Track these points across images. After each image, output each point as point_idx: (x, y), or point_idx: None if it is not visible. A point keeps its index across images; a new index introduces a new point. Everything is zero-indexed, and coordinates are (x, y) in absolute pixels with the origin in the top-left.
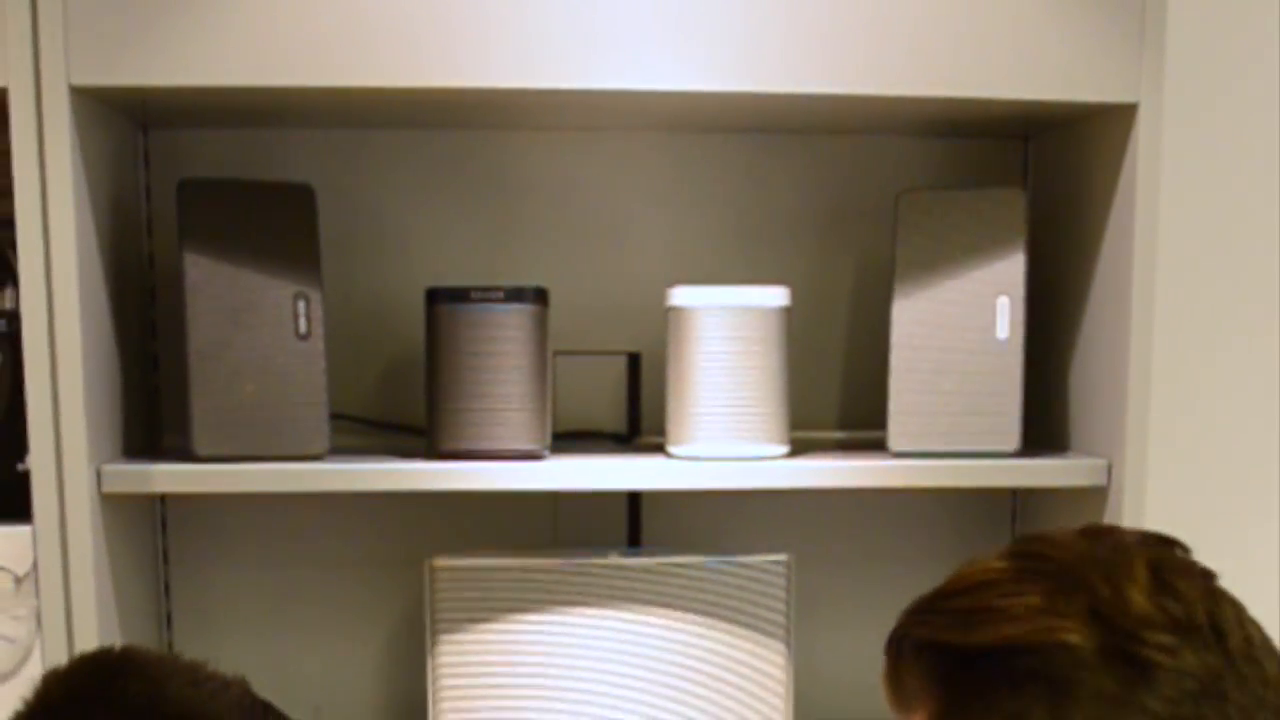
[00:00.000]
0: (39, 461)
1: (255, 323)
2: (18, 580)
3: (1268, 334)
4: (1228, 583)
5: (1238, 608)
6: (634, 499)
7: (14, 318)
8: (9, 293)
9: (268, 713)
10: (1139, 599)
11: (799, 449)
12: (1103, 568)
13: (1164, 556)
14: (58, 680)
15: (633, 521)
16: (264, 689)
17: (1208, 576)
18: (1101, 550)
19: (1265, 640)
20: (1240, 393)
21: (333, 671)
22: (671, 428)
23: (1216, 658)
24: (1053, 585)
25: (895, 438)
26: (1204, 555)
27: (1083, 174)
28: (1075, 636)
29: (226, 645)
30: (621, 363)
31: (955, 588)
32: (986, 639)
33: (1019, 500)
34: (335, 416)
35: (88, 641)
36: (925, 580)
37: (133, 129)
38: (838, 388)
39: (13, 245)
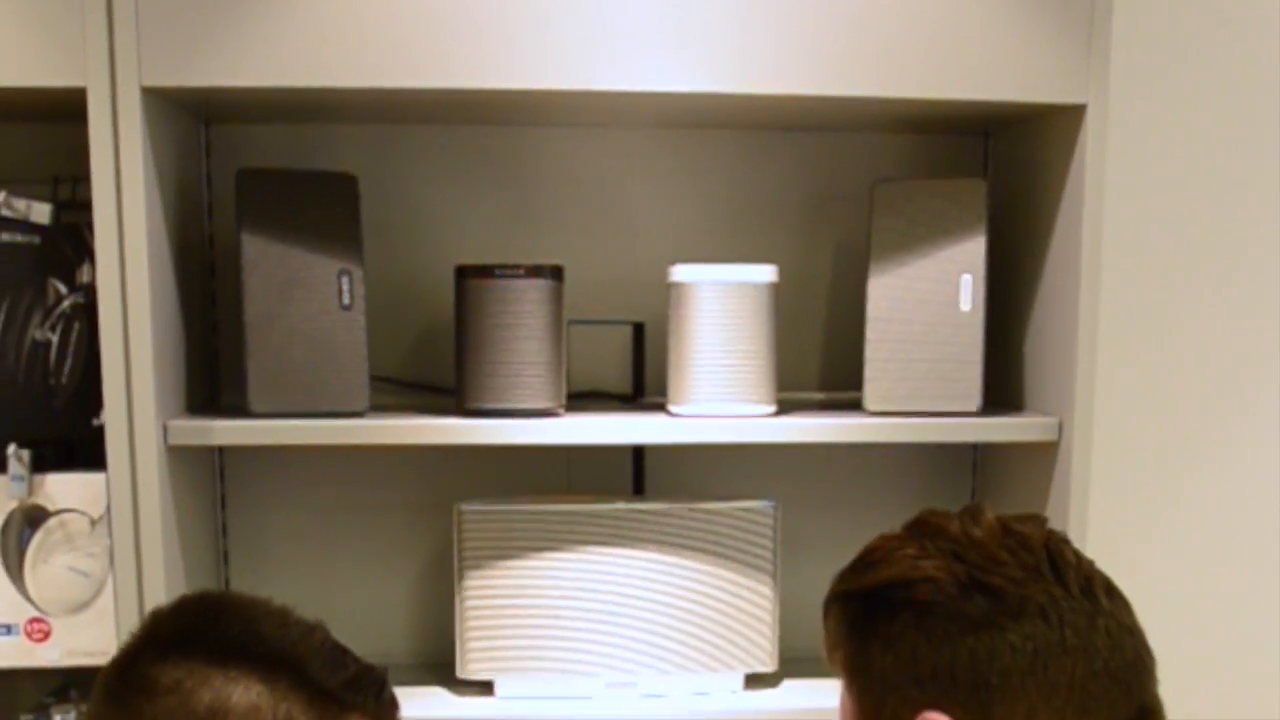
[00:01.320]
0: (112, 417)
1: (304, 295)
2: (93, 522)
3: (1203, 306)
4: (1167, 526)
5: (1081, 559)
6: (638, 452)
7: (91, 291)
8: (86, 269)
9: (346, 654)
10: (992, 546)
11: (785, 408)
12: (965, 526)
13: (1019, 520)
14: (164, 617)
15: (637, 472)
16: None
17: (1057, 537)
18: (968, 519)
19: (1107, 585)
20: (1177, 358)
21: (371, 604)
22: (672, 389)
23: (1056, 588)
24: (927, 541)
25: (870, 398)
26: (1144, 501)
27: (1037, 166)
28: (938, 571)
29: (277, 580)
30: (627, 331)
31: (861, 554)
32: (872, 580)
33: (979, 453)
34: (374, 378)
35: (154, 576)
36: (895, 523)
37: (196, 124)
38: (819, 354)
39: (90, 227)
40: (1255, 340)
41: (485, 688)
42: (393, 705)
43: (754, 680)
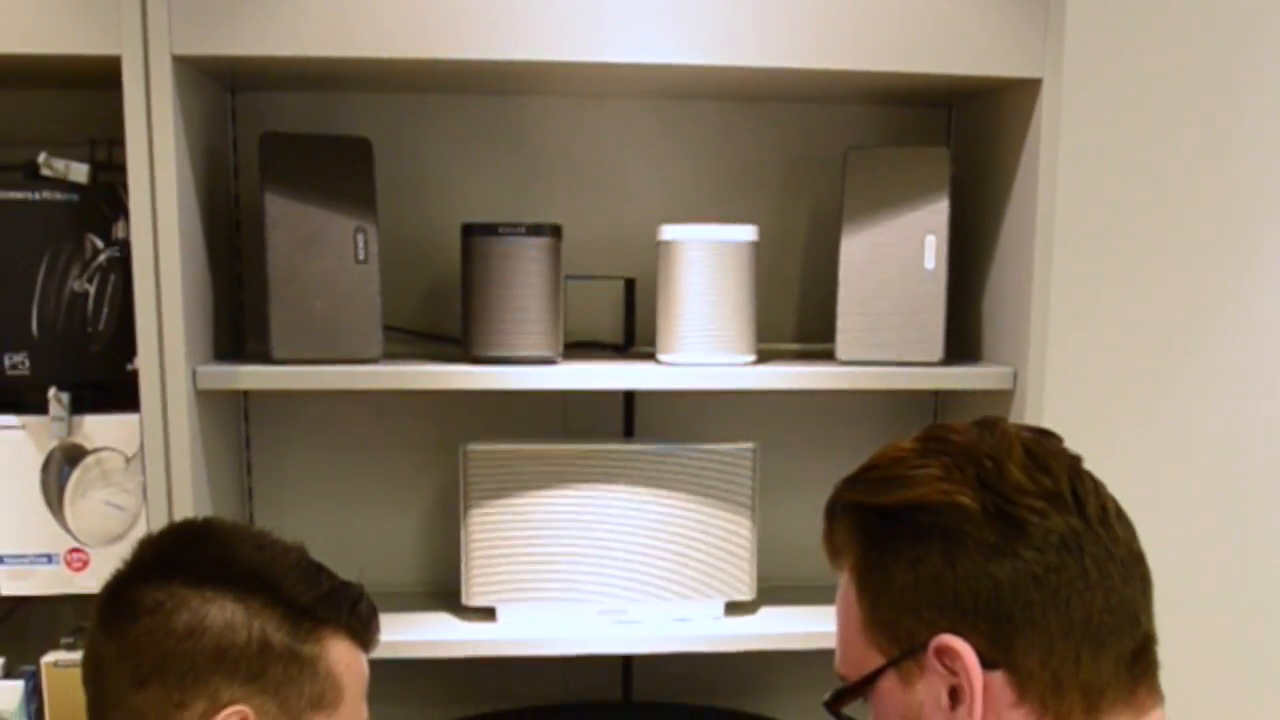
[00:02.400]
0: (145, 363)
1: (322, 250)
2: (127, 460)
3: (1150, 265)
4: (1114, 469)
5: (1097, 483)
6: (629, 397)
7: (125, 245)
8: (121, 225)
9: (320, 572)
10: (1016, 472)
11: (764, 357)
12: (989, 448)
13: (1039, 442)
14: (149, 544)
15: (628, 415)
16: (326, 552)
17: (1074, 459)
18: (989, 437)
19: (1118, 510)
20: (1124, 314)
21: (383, 536)
22: (660, 339)
23: (1076, 520)
24: (949, 460)
25: (842, 349)
26: (1092, 445)
27: (996, 135)
28: (965, 499)
29: (296, 515)
30: (620, 286)
31: (874, 463)
32: (896, 499)
33: (939, 400)
34: (387, 328)
35: (184, 510)
36: (860, 459)
37: (222, 91)
38: (795, 308)
39: (124, 186)
40: (1198, 296)
41: (488, 614)
42: (368, 618)
43: (734, 607)
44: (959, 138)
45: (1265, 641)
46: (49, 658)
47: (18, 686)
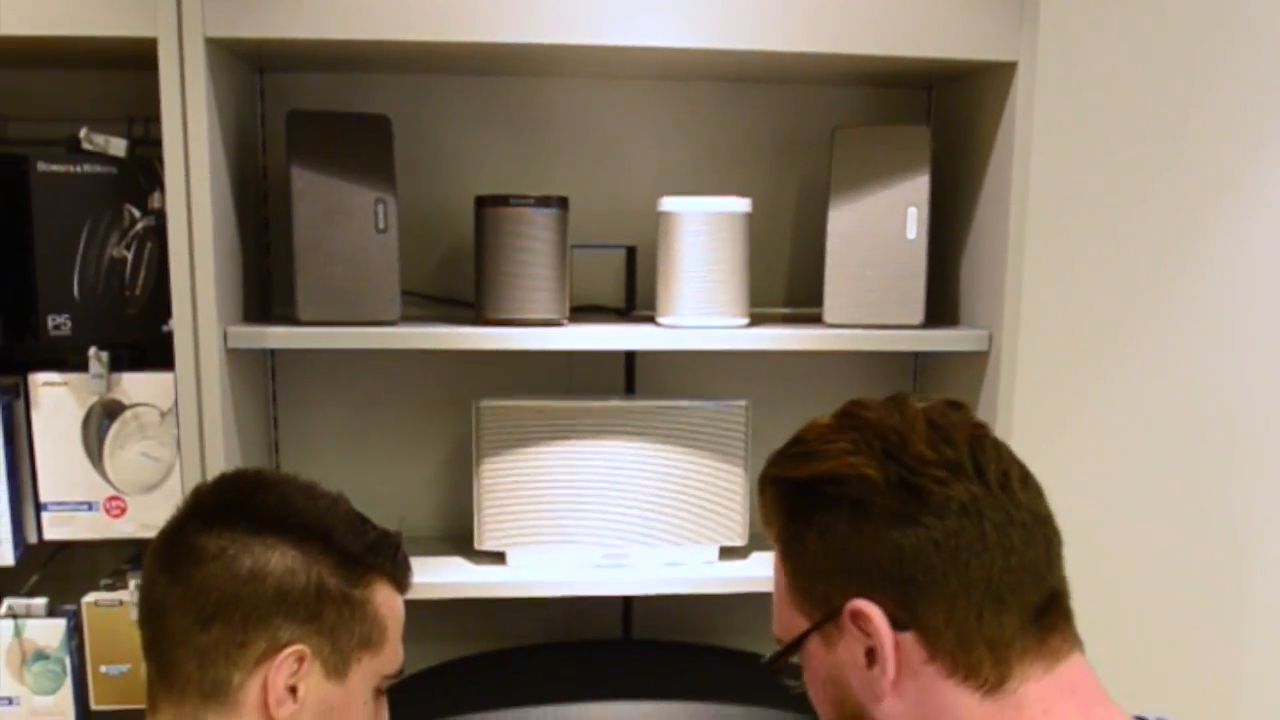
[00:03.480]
0: (179, 324)
1: (345, 220)
2: (162, 414)
3: (1117, 235)
4: (1083, 426)
5: (1000, 451)
6: (630, 357)
7: (160, 215)
8: (157, 196)
9: (366, 523)
10: (920, 444)
11: (756, 321)
12: (895, 423)
13: (944, 414)
14: (206, 493)
15: (629, 374)
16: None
17: (978, 428)
18: (896, 413)
19: (1022, 475)
20: (1091, 277)
21: (402, 486)
22: (659, 303)
23: (977, 487)
24: (858, 435)
25: (829, 312)
26: (1062, 404)
27: (974, 115)
28: (871, 470)
29: (320, 467)
30: (622, 254)
31: (796, 439)
32: (809, 472)
33: (919, 361)
34: (405, 292)
35: (215, 461)
36: None
37: (251, 72)
38: (785, 274)
39: (160, 160)
40: (1161, 263)
41: (498, 558)
42: (406, 565)
43: (727, 552)
44: (939, 117)
45: (1226, 587)
46: (89, 598)
47: (60, 624)
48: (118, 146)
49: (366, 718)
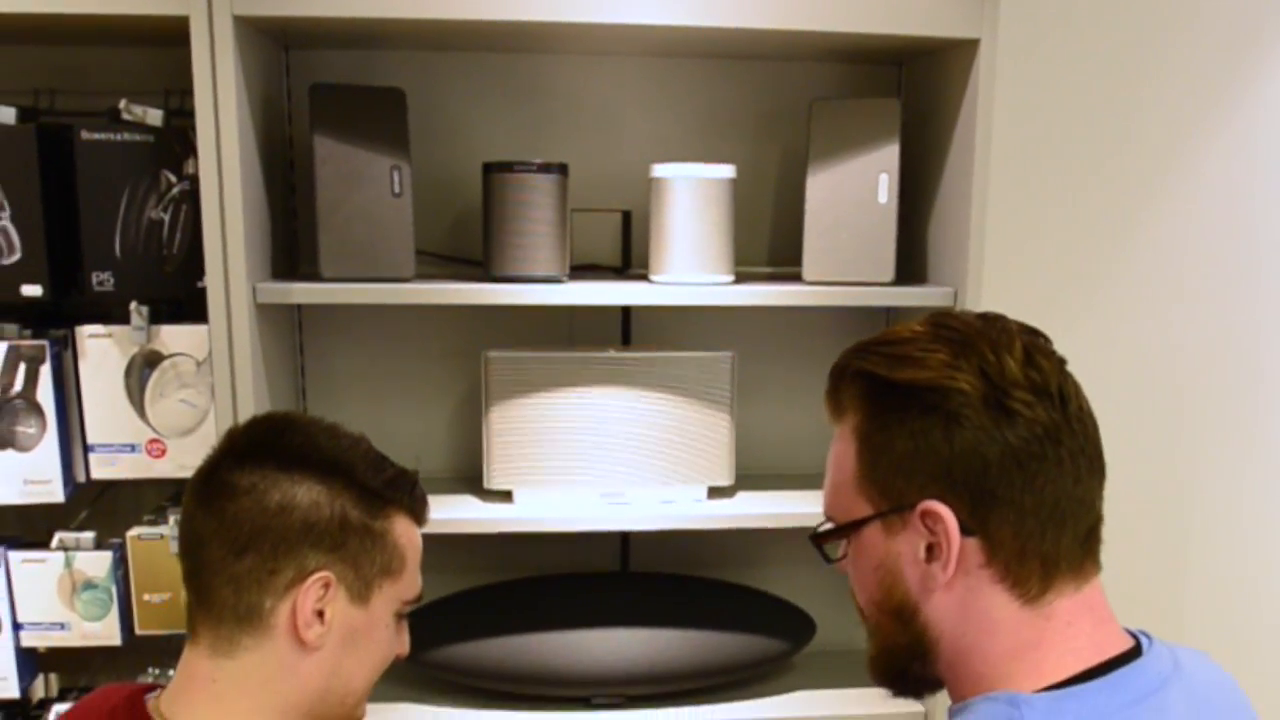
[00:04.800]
0: (212, 281)
1: (363, 185)
2: (198, 364)
3: (1076, 200)
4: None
5: (1077, 386)
6: (626, 312)
7: (194, 180)
8: (191, 162)
9: (385, 460)
10: (1013, 366)
11: (741, 278)
12: (991, 341)
13: (1034, 341)
14: (238, 434)
15: (625, 327)
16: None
17: (1062, 360)
18: (992, 329)
19: (1090, 411)
20: (1050, 238)
21: (417, 430)
22: (652, 262)
23: (1059, 415)
24: (955, 348)
25: (808, 271)
26: None
27: (941, 88)
28: (967, 385)
29: (343, 411)
30: (618, 217)
31: (887, 338)
32: (907, 377)
33: (890, 315)
34: (419, 252)
35: (246, 407)
36: (822, 367)
37: (277, 48)
38: (767, 236)
39: (193, 129)
40: (1115, 226)
41: (506, 496)
42: (423, 500)
43: (715, 491)
44: (909, 91)
45: (1170, 522)
46: (133, 532)
47: (107, 556)
48: (155, 117)
49: (388, 641)
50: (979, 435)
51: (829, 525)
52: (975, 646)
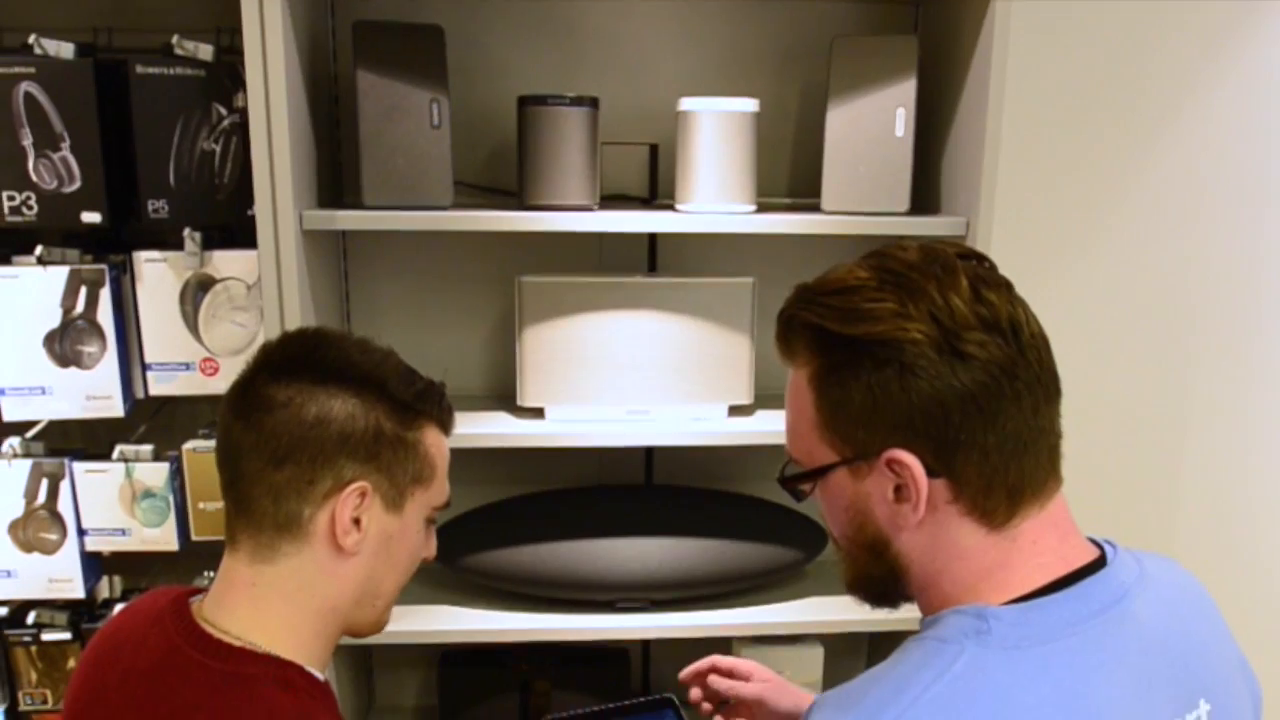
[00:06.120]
0: (261, 208)
1: (404, 118)
2: (248, 287)
3: (1083, 132)
4: (1051, 302)
5: (1026, 311)
6: (652, 239)
7: (244, 113)
8: (241, 96)
9: (414, 374)
10: (962, 307)
11: (762, 208)
12: (936, 279)
13: (979, 271)
14: (274, 349)
15: (651, 254)
16: (409, 363)
17: (1009, 287)
18: (934, 265)
19: (1041, 333)
20: (1060, 170)
21: (456, 351)
22: (678, 191)
23: (1013, 349)
24: (903, 295)
25: (826, 201)
26: (1030, 283)
27: (957, 25)
28: (919, 334)
29: (385, 334)
30: (645, 150)
31: (833, 286)
32: (858, 332)
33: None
34: (457, 182)
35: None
36: None
37: None
38: (788, 167)
39: (242, 64)
40: (1126, 155)
41: (538, 413)
42: (450, 411)
43: (735, 410)
44: (925, 28)
45: (1167, 441)
46: (188, 445)
47: (164, 467)
48: (206, 52)
49: (419, 546)
50: (936, 384)
51: (796, 468)
52: (945, 570)
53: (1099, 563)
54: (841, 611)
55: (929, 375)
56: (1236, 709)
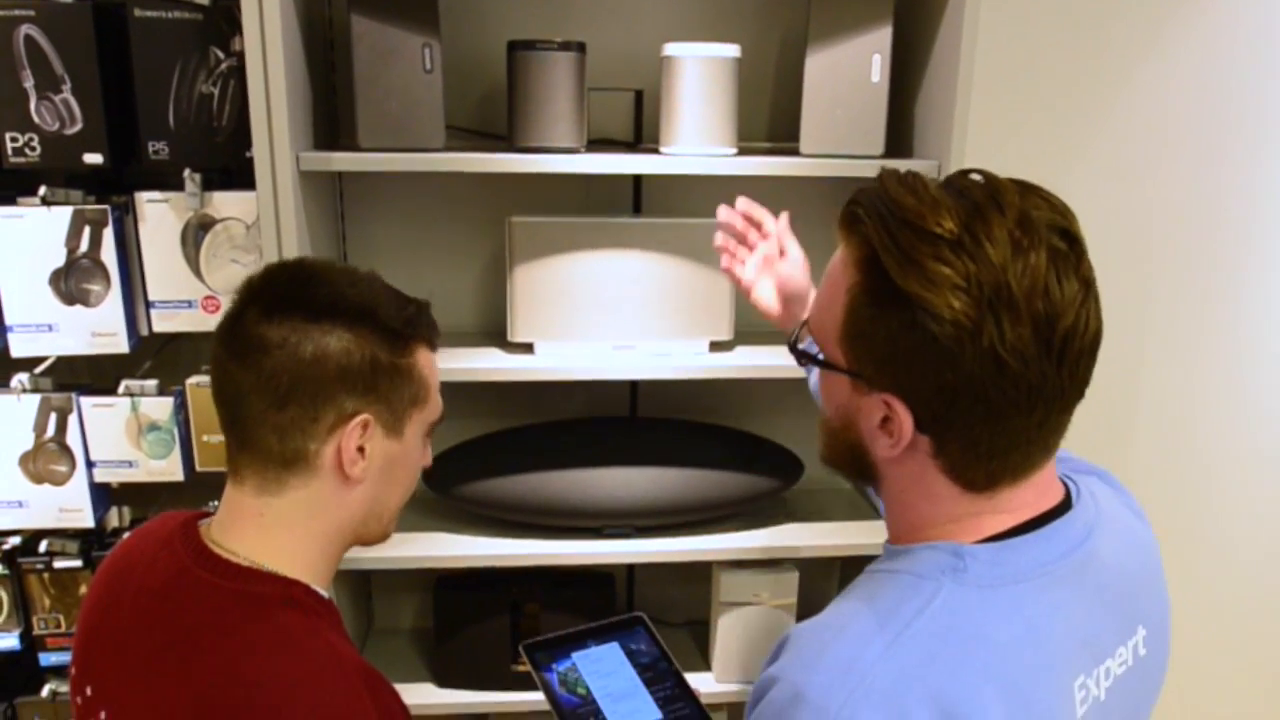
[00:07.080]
0: (259, 151)
1: (397, 62)
2: (248, 227)
3: (1051, 76)
4: None
5: (1091, 310)
6: (637, 181)
7: (241, 56)
8: (238, 40)
9: (402, 298)
10: (1025, 329)
11: (743, 151)
12: (1016, 280)
13: (1064, 261)
14: (259, 283)
15: (636, 196)
16: None
17: (1088, 285)
18: (1021, 238)
19: (1096, 337)
20: (1029, 114)
21: (449, 289)
22: (662, 135)
23: (1050, 365)
24: (971, 268)
25: (805, 144)
26: None
27: None
28: (965, 319)
29: (380, 273)
30: (630, 96)
31: (910, 216)
32: (910, 288)
33: None
34: (448, 126)
35: None
36: (818, 232)
37: None
38: (768, 111)
39: (239, 7)
40: (1094, 97)
41: (528, 348)
42: (436, 328)
43: (716, 345)
44: None
45: (1138, 389)
46: (192, 380)
47: (169, 401)
48: None
49: (419, 461)
50: (957, 372)
51: (810, 346)
52: (916, 505)
53: (1065, 503)
54: (816, 537)
55: (953, 361)
56: (1161, 630)
